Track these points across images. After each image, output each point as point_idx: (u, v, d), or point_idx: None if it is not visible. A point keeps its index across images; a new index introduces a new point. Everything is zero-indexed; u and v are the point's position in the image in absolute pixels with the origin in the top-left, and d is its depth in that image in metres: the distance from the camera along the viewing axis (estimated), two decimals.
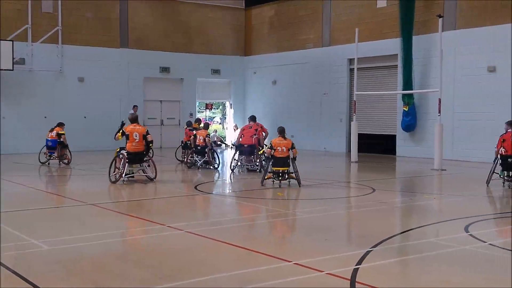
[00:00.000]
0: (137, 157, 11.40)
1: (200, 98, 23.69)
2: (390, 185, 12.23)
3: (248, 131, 13.60)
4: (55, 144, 14.88)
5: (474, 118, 16.34)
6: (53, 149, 14.86)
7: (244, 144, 13.41)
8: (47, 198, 10.36)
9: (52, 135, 14.97)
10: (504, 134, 11.35)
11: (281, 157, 10.95)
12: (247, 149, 13.35)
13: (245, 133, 13.58)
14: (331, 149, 20.34)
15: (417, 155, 17.53)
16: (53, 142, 14.92)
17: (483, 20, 16.26)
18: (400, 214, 8.86)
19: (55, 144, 14.88)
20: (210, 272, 5.27)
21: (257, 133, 13.48)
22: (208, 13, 23.28)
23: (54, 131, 15.07)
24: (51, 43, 19.65)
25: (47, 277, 5.08)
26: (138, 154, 11.40)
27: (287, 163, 10.97)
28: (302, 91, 21.58)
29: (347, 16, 19.99)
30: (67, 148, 15.09)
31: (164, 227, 7.25)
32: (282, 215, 8.61)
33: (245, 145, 13.37)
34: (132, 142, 11.30)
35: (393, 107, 18.74)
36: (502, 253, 6.06)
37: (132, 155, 11.30)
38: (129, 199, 10.16)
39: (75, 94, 20.06)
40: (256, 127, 13.68)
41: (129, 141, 11.30)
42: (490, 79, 16.03)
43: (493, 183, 11.27)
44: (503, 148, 11.09)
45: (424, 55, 17.55)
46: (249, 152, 13.48)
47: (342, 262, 5.60)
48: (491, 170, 11.27)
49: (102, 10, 20.75)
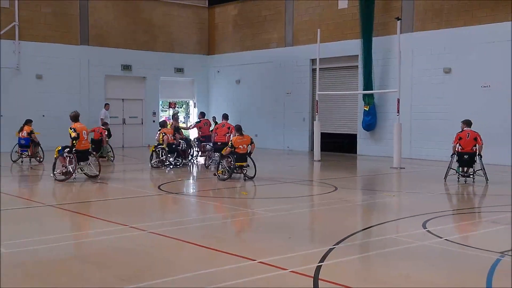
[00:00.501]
0: (85, 155, 11.77)
1: (163, 96, 23.45)
2: (351, 183, 12.48)
3: (221, 129, 14.10)
4: (28, 142, 14.97)
5: (431, 117, 16.88)
6: (26, 147, 14.94)
7: (218, 142, 13.94)
8: (6, 200, 10.03)
9: (23, 134, 14.99)
10: (461, 132, 11.97)
11: (243, 153, 11.98)
12: (220, 146, 13.73)
13: (218, 132, 14.08)
14: (294, 148, 20.56)
15: (377, 154, 17.95)
16: (26, 140, 14.98)
17: (438, 23, 16.81)
18: (361, 212, 9.07)
19: (28, 142, 14.98)
20: (173, 272, 5.26)
21: (230, 131, 13.97)
22: (171, 11, 23.07)
23: (24, 130, 15.06)
24: (7, 39, 19.01)
25: (6, 281, 4.94)
26: (86, 152, 11.78)
27: (246, 158, 12.08)
28: (265, 91, 21.70)
29: (309, 16, 20.24)
30: (39, 146, 15.19)
31: (126, 228, 7.16)
32: (245, 214, 8.66)
33: (219, 142, 13.87)
34: (82, 141, 11.61)
35: (354, 107, 19.11)
36: (457, 248, 6.31)
37: (81, 153, 11.61)
38: (89, 200, 9.97)
39: (33, 92, 19.46)
40: (228, 125, 14.18)
41: (79, 140, 11.53)
42: (446, 80, 16.59)
43: (450, 178, 11.84)
44: (460, 145, 11.76)
45: (384, 56, 17.99)
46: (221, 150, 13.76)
47: (306, 259, 5.70)
48: (449, 166, 11.92)
49: (61, 5, 20.20)
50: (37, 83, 19.70)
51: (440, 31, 16.68)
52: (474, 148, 11.65)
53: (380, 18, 18.03)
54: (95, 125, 17.71)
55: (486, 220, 8.44)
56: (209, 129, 16.16)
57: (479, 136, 11.73)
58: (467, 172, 11.72)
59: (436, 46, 16.72)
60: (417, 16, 17.28)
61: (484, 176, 11.56)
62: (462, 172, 11.75)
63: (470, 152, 11.65)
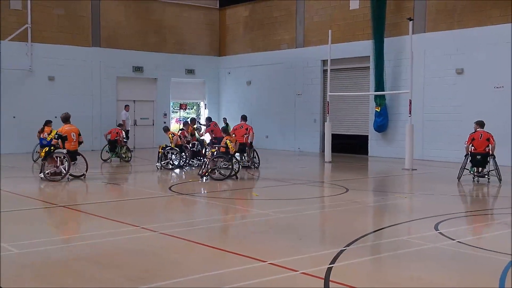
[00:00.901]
0: (73, 156, 12.10)
1: (174, 98, 23.53)
2: (362, 185, 12.40)
3: (240, 130, 14.36)
4: (50, 143, 15.04)
5: (443, 118, 16.72)
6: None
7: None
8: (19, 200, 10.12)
9: (45, 134, 15.28)
10: (474, 133, 12.12)
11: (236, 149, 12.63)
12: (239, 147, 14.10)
13: (236, 133, 14.27)
14: (305, 149, 20.49)
15: (389, 155, 17.83)
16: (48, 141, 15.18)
17: (451, 24, 16.66)
18: (373, 213, 9.00)
19: (50, 142, 15.07)
20: (183, 273, 5.25)
21: (248, 132, 14.25)
22: (182, 12, 23.15)
23: (45, 131, 15.31)
24: (20, 41, 19.22)
25: (13, 281, 4.97)
26: (74, 153, 12.10)
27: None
28: (276, 92, 21.67)
29: (320, 17, 20.18)
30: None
31: (137, 229, 7.18)
32: (256, 215, 8.63)
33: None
34: (71, 142, 11.97)
35: (365, 108, 19.01)
36: (469, 250, 6.23)
37: (70, 154, 11.93)
38: (101, 201, 10.02)
39: (45, 94, 19.65)
40: (246, 126, 14.48)
41: (67, 141, 11.90)
42: (458, 80, 16.43)
43: (463, 179, 11.95)
44: (473, 146, 11.94)
45: (395, 57, 17.87)
46: (241, 150, 14.22)
47: (316, 261, 5.66)
48: (462, 166, 12.09)
49: (73, 8, 20.38)
50: (49, 84, 19.88)
51: (453, 32, 16.53)
52: (487, 149, 11.79)
53: (391, 18, 17.91)
54: (110, 126, 18.09)
55: (499, 222, 8.33)
56: (221, 130, 16.29)
57: (492, 136, 11.88)
58: (481, 172, 11.86)
59: (449, 47, 16.57)
60: (429, 16, 17.14)
61: (497, 176, 11.61)
62: (476, 172, 11.89)
63: (483, 153, 11.78)
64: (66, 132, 11.90)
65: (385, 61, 17.93)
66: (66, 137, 11.86)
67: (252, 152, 14.60)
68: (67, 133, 11.90)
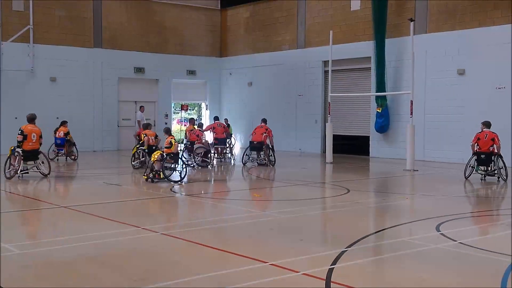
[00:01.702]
0: (31, 155, 12.30)
1: (176, 99, 23.55)
2: (364, 186, 12.40)
3: (259, 129, 15.54)
4: (64, 142, 16.32)
5: (445, 119, 16.71)
6: (62, 147, 16.31)
7: (254, 141, 15.38)
8: (20, 200, 10.15)
9: (60, 134, 16.34)
10: (480, 133, 12.49)
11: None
12: (256, 145, 15.24)
13: (256, 131, 15.49)
14: (306, 150, 20.49)
15: (390, 156, 17.82)
16: (61, 140, 16.32)
17: (452, 24, 16.65)
18: (374, 214, 9.00)
19: (64, 142, 16.34)
20: (185, 274, 5.26)
21: (267, 132, 15.38)
22: (184, 13, 23.17)
23: (61, 131, 16.37)
24: (22, 42, 19.25)
25: (14, 282, 4.98)
26: (33, 152, 12.31)
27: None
28: (277, 93, 21.67)
29: (321, 18, 20.18)
30: (74, 145, 16.50)
31: (139, 229, 7.19)
32: (257, 216, 8.64)
33: (255, 141, 15.32)
34: (29, 142, 12.18)
35: (367, 109, 19.00)
36: (471, 251, 6.23)
37: (28, 153, 12.17)
38: (103, 201, 10.03)
39: (47, 95, 19.68)
40: (266, 127, 15.63)
41: (26, 140, 12.13)
42: (459, 81, 16.42)
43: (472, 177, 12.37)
44: (478, 145, 12.35)
45: (397, 57, 17.86)
46: (258, 148, 15.40)
47: (318, 262, 5.66)
48: (467, 165, 12.51)
49: (75, 9, 20.41)
50: (51, 85, 19.91)
51: (454, 32, 16.52)
52: (491, 148, 12.17)
53: (393, 19, 17.91)
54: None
55: (501, 223, 8.32)
56: (223, 132, 16.42)
57: (497, 137, 12.27)
58: (486, 170, 12.25)
59: (450, 48, 16.56)
60: (430, 17, 17.14)
61: (503, 174, 11.94)
62: (481, 171, 12.29)
63: (487, 152, 12.18)
64: (27, 132, 12.15)
65: (386, 62, 17.93)
66: (26, 136, 12.11)
67: (269, 150, 15.41)
68: (28, 132, 12.15)
